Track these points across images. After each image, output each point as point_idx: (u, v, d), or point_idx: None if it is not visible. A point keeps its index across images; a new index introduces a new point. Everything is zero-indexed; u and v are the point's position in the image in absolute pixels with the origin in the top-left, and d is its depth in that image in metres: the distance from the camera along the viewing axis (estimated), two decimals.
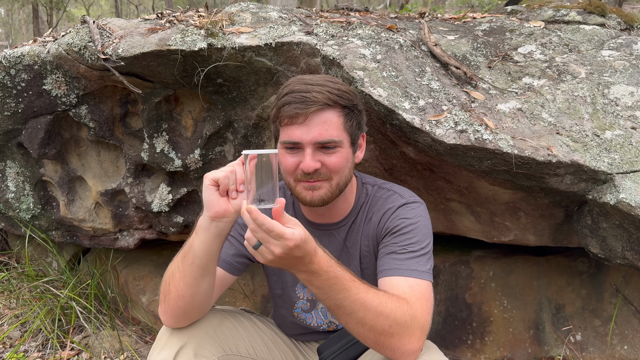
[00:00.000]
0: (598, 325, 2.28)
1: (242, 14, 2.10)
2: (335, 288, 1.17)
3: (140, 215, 2.40)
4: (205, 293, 1.35)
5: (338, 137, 1.35)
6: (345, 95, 1.37)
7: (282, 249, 1.07)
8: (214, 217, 1.22)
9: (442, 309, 2.40)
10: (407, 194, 1.49)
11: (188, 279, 1.30)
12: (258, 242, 1.10)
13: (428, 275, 1.33)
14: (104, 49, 1.94)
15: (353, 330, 1.21)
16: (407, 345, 1.20)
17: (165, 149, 2.20)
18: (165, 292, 1.35)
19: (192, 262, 1.28)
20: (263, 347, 1.56)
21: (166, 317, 1.38)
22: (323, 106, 1.33)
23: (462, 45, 2.05)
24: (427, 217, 1.45)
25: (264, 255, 1.10)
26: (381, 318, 1.18)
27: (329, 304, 1.19)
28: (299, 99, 1.32)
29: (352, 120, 1.39)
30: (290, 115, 1.33)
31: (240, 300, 2.61)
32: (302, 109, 1.31)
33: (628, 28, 2.26)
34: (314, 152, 1.34)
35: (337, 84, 1.39)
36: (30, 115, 2.20)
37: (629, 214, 1.59)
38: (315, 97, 1.32)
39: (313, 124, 1.33)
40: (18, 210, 2.44)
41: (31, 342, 2.44)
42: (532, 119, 1.76)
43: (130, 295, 2.73)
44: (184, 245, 1.32)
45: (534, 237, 2.11)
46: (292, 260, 1.11)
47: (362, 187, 1.55)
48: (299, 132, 1.33)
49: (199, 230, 1.26)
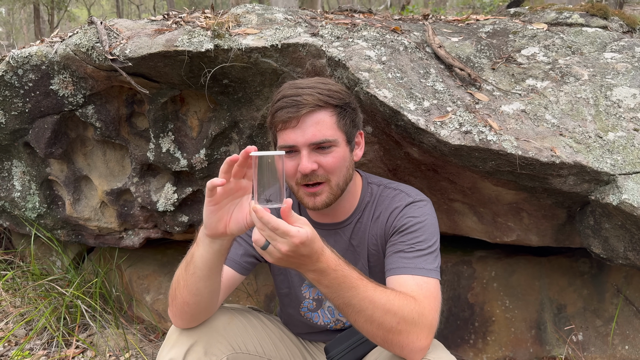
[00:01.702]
0: (599, 325, 2.29)
1: (248, 16, 2.12)
2: (344, 286, 1.18)
3: (146, 214, 2.41)
4: (210, 299, 1.37)
5: (332, 137, 1.38)
6: (336, 95, 1.40)
7: (289, 246, 1.08)
8: (213, 237, 1.25)
9: (445, 308, 2.42)
10: (413, 193, 1.51)
11: (191, 287, 1.32)
12: (266, 242, 1.11)
13: (435, 273, 1.35)
14: (111, 50, 1.96)
15: (362, 328, 1.23)
16: (415, 343, 1.21)
17: (171, 149, 2.22)
18: (172, 296, 1.38)
19: (193, 272, 1.30)
20: (271, 345, 1.58)
21: (175, 320, 1.41)
22: (314, 107, 1.36)
23: (465, 47, 2.07)
24: (433, 216, 1.47)
25: (272, 254, 1.11)
26: (389, 315, 1.19)
27: (338, 302, 1.21)
28: (290, 103, 1.36)
29: (345, 118, 1.42)
30: (284, 120, 1.36)
31: (244, 300, 2.62)
32: (293, 113, 1.35)
33: (630, 30, 2.28)
34: (310, 154, 1.37)
35: (327, 84, 1.42)
36: (37, 115, 2.22)
37: (632, 215, 1.60)
38: (305, 99, 1.35)
39: (306, 126, 1.36)
40: (24, 209, 2.46)
41: (36, 340, 2.46)
42: (536, 121, 1.78)
43: (135, 294, 2.74)
44: (188, 252, 1.33)
45: (536, 237, 2.13)
46: (299, 258, 1.12)
47: (367, 187, 1.56)
48: (293, 136, 1.36)
49: (199, 243, 1.28)
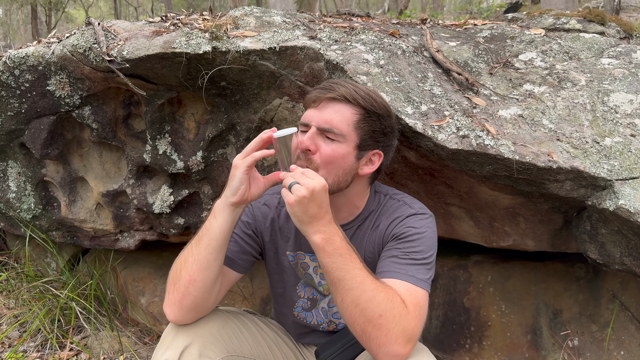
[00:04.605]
0: (595, 330, 2.29)
1: (246, 18, 2.12)
2: (345, 258, 1.25)
3: (142, 216, 2.40)
4: (215, 278, 1.37)
5: (341, 131, 1.38)
6: (369, 99, 1.41)
7: (313, 184, 1.24)
8: (238, 203, 1.34)
9: (441, 313, 2.41)
10: (417, 206, 1.49)
11: (202, 262, 1.34)
12: (293, 182, 1.26)
13: (426, 284, 1.32)
14: (108, 51, 1.95)
15: (347, 311, 1.24)
16: (392, 345, 1.19)
17: (168, 151, 2.22)
18: (174, 280, 1.37)
19: (207, 244, 1.34)
20: (266, 348, 1.57)
21: (172, 309, 1.37)
22: (340, 97, 1.39)
23: (463, 52, 2.07)
24: (434, 230, 1.45)
25: (297, 191, 1.24)
26: (374, 303, 1.21)
27: (333, 276, 1.25)
28: (325, 87, 1.42)
29: (367, 123, 1.41)
30: (311, 99, 1.42)
31: (239, 303, 2.62)
32: (321, 94, 1.40)
33: (627, 37, 2.29)
34: (315, 135, 1.38)
35: (369, 90, 1.44)
36: (34, 115, 2.21)
37: (628, 220, 1.61)
38: (338, 88, 1.40)
39: (325, 109, 1.40)
40: (19, 210, 2.45)
41: (30, 342, 2.44)
42: (533, 125, 1.78)
43: (130, 296, 2.73)
44: (201, 229, 1.38)
45: (532, 242, 2.13)
46: (317, 207, 1.25)
47: (374, 195, 1.55)
48: (311, 114, 1.41)
49: (219, 214, 1.34)
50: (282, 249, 1.60)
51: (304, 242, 1.56)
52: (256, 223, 1.58)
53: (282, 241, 1.60)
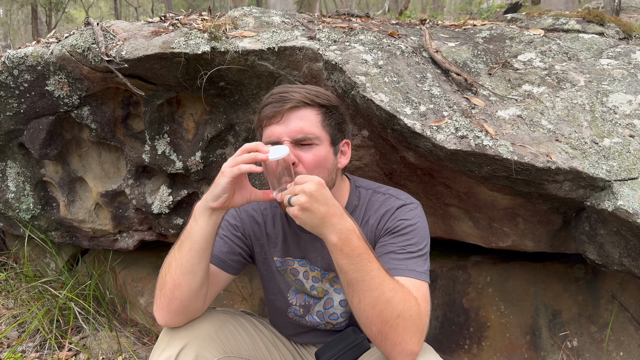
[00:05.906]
0: (594, 331, 2.29)
1: (245, 18, 2.12)
2: (364, 259, 1.22)
3: (140, 216, 2.40)
4: (201, 282, 1.35)
5: (314, 134, 1.38)
6: (323, 96, 1.42)
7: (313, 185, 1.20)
8: (218, 209, 1.30)
9: (440, 313, 2.41)
10: (403, 196, 1.51)
11: (185, 265, 1.32)
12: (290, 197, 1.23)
13: (426, 276, 1.35)
14: (107, 51, 1.95)
15: (363, 312, 1.23)
16: (407, 343, 1.21)
17: (167, 151, 2.21)
18: (161, 285, 1.36)
19: (190, 248, 1.32)
20: (264, 349, 1.57)
21: (162, 314, 1.37)
22: (299, 103, 1.38)
23: (462, 52, 2.07)
24: (424, 219, 1.47)
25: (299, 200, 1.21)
26: (392, 304, 1.20)
27: (351, 277, 1.23)
28: (276, 99, 1.39)
29: (330, 119, 1.43)
30: (269, 116, 1.39)
31: (238, 303, 2.61)
32: (279, 107, 1.38)
33: (626, 37, 2.28)
34: (292, 149, 1.37)
35: (317, 88, 1.45)
36: (32, 115, 2.21)
37: (627, 221, 1.60)
38: (292, 95, 1.38)
39: (290, 120, 1.38)
40: (18, 210, 2.45)
41: (29, 343, 2.44)
42: (532, 126, 1.78)
43: (129, 296, 2.73)
44: (182, 234, 1.36)
45: (531, 243, 2.13)
46: (323, 205, 1.21)
47: (355, 190, 1.56)
48: (277, 130, 1.38)
49: (199, 217, 1.32)
50: (270, 254, 1.60)
51: (292, 247, 1.56)
52: (244, 226, 1.58)
53: (270, 247, 1.59)
